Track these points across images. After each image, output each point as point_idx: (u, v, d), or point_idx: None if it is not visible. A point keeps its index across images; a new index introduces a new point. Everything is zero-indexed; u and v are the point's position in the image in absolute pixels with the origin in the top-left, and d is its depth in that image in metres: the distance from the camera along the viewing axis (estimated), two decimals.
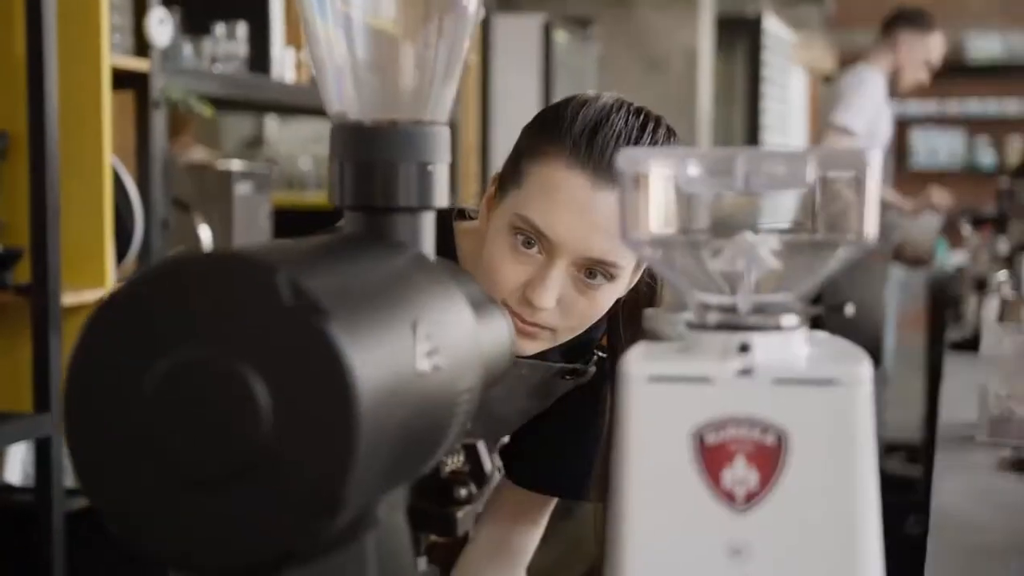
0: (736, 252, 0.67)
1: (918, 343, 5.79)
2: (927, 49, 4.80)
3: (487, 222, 1.36)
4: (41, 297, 2.39)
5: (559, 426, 1.52)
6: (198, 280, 0.60)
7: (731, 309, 0.68)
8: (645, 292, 1.42)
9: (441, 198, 0.76)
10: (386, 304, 0.65)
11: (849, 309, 0.88)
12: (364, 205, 0.75)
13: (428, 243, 0.76)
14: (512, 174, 1.33)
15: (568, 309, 1.31)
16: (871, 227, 0.66)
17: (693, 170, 0.68)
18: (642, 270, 1.37)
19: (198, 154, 4.23)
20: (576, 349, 1.46)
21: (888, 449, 5.33)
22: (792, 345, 0.67)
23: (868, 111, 4.73)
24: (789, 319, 0.68)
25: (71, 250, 2.50)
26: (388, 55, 0.76)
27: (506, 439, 1.54)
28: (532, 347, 1.34)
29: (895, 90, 4.91)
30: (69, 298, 2.48)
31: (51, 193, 2.40)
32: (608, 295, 1.32)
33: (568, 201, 1.27)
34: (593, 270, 1.29)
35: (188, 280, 0.60)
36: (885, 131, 4.88)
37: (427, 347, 0.66)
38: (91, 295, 2.56)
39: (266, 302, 0.58)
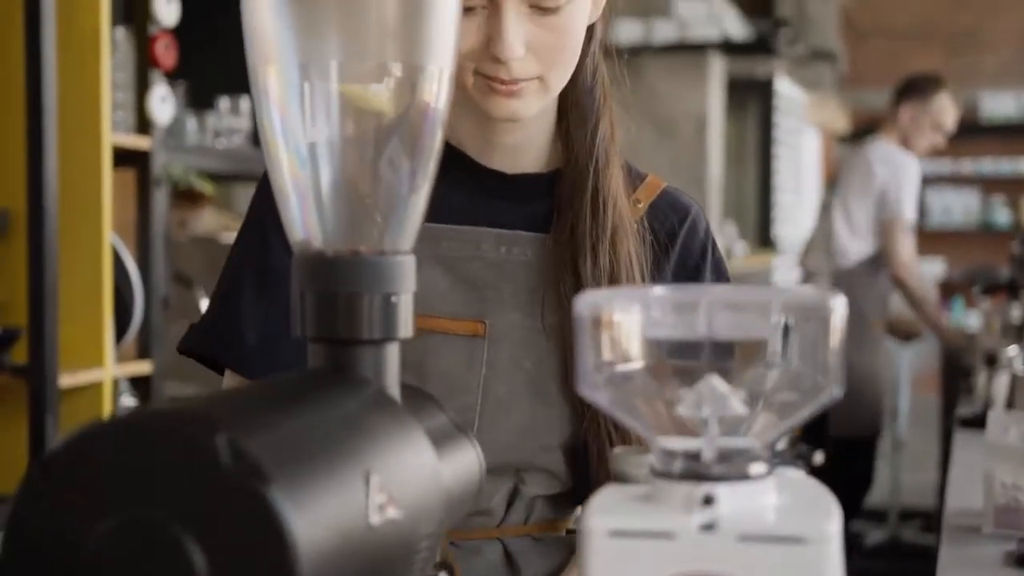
0: (701, 398, 0.65)
1: (933, 404, 5.74)
2: (933, 113, 4.69)
3: None
4: (38, 378, 2.38)
5: None
6: (136, 440, 0.58)
7: (695, 456, 0.65)
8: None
9: (406, 329, 0.74)
10: (336, 456, 0.63)
11: (818, 458, 0.85)
12: (326, 337, 0.73)
13: (392, 376, 0.74)
14: None
15: (540, 50, 1.20)
16: (836, 376, 0.64)
17: (656, 313, 0.65)
18: None
19: (208, 222, 4.22)
20: None
21: (903, 516, 5.26)
22: (759, 495, 0.64)
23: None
24: (756, 467, 0.65)
25: (70, 330, 2.49)
26: (351, 183, 0.75)
27: None
28: (525, 107, 1.23)
29: None
30: (67, 379, 2.46)
31: (50, 272, 2.39)
32: (575, 18, 1.22)
33: None
34: (544, 4, 1.19)
35: (126, 440, 0.58)
36: None
37: (381, 498, 0.64)
38: (89, 376, 2.55)
39: (205, 464, 0.56)
